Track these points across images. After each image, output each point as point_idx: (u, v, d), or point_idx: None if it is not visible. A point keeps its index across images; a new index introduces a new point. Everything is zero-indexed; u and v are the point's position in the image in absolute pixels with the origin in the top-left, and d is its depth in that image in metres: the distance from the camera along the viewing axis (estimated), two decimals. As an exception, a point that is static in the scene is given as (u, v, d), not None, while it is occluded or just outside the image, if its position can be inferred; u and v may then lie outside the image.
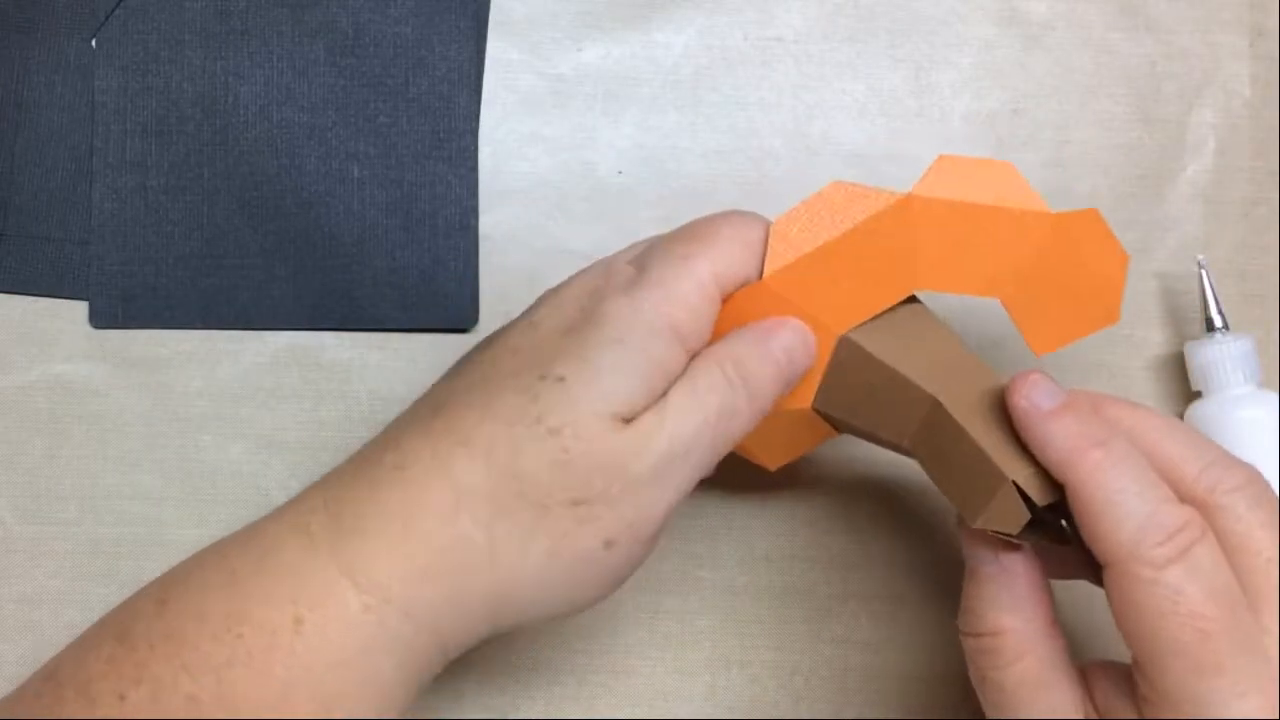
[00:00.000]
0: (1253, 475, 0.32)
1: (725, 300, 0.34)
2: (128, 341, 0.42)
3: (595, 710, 0.42)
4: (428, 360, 0.42)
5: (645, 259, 0.34)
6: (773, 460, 0.38)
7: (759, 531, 0.43)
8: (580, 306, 0.33)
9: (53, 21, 0.43)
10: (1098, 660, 0.33)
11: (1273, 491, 0.32)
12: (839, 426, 0.36)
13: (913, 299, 0.36)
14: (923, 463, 0.35)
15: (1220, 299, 0.42)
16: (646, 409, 0.32)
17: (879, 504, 0.43)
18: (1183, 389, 0.44)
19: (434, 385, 0.35)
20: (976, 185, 0.34)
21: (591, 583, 0.32)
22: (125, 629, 0.31)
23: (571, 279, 0.35)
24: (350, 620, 0.30)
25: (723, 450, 0.33)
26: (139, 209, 0.42)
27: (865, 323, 0.35)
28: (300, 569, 0.31)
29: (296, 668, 0.30)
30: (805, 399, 0.35)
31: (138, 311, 0.42)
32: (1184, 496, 0.32)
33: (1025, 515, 0.32)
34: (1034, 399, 0.33)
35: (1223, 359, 0.41)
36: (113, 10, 0.43)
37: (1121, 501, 0.31)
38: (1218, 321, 0.42)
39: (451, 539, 0.31)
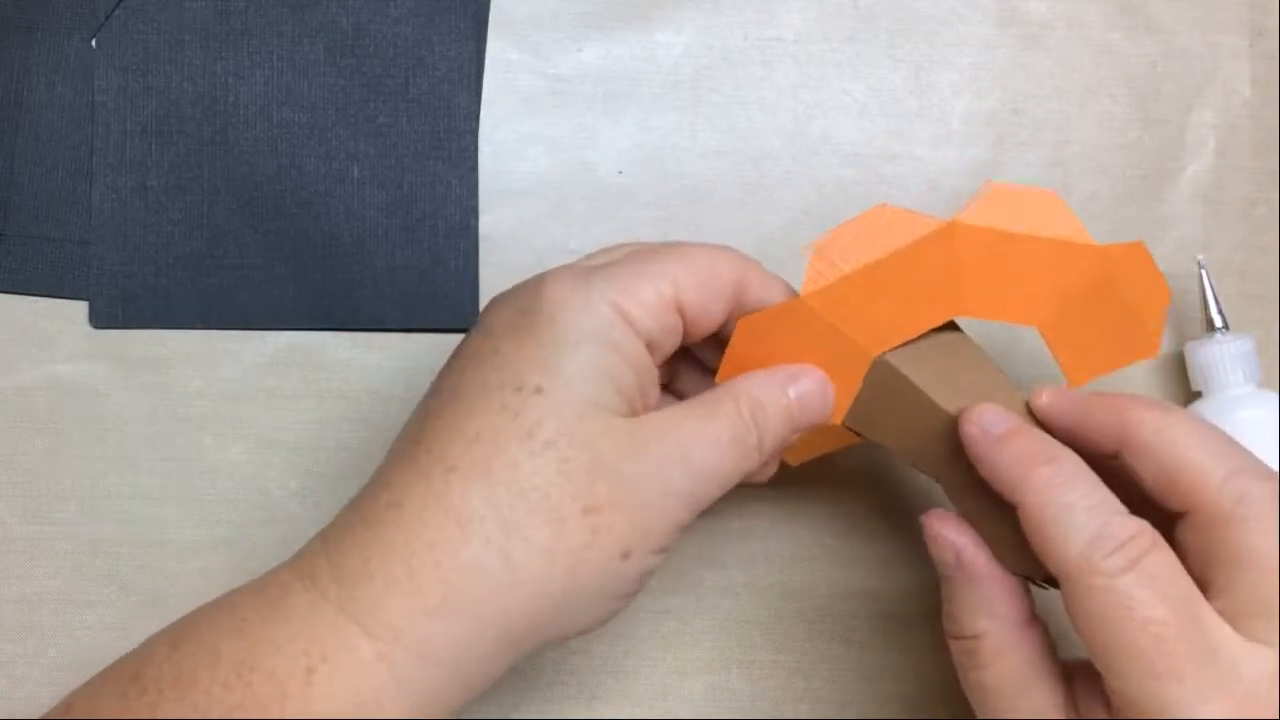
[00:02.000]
0: None
1: (759, 315, 0.34)
2: (128, 341, 0.42)
3: (595, 710, 0.42)
4: (428, 360, 0.42)
5: (608, 259, 0.34)
6: (795, 456, 0.38)
7: (759, 532, 0.43)
8: (527, 293, 0.33)
9: (53, 21, 0.43)
10: (1083, 659, 0.33)
11: None
12: (867, 439, 0.36)
13: (953, 326, 0.36)
14: (949, 490, 0.35)
15: (1220, 299, 0.42)
16: (633, 410, 0.32)
17: (879, 504, 0.43)
18: (1183, 389, 0.44)
19: (411, 415, 0.34)
20: (1022, 214, 0.34)
21: (612, 595, 0.32)
22: (138, 670, 0.31)
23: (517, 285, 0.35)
24: (362, 669, 0.30)
25: (731, 475, 0.33)
26: (139, 209, 0.42)
27: (902, 345, 0.35)
28: (309, 618, 0.30)
29: (306, 716, 0.29)
30: (837, 414, 0.35)
31: (138, 311, 0.42)
32: (1206, 505, 0.31)
33: None
34: (984, 424, 0.33)
35: (1223, 359, 0.41)
36: (113, 10, 0.43)
37: (1070, 516, 0.31)
38: (1218, 321, 0.42)
39: (462, 568, 0.30)
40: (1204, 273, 0.42)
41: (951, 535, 0.34)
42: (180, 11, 0.43)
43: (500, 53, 0.44)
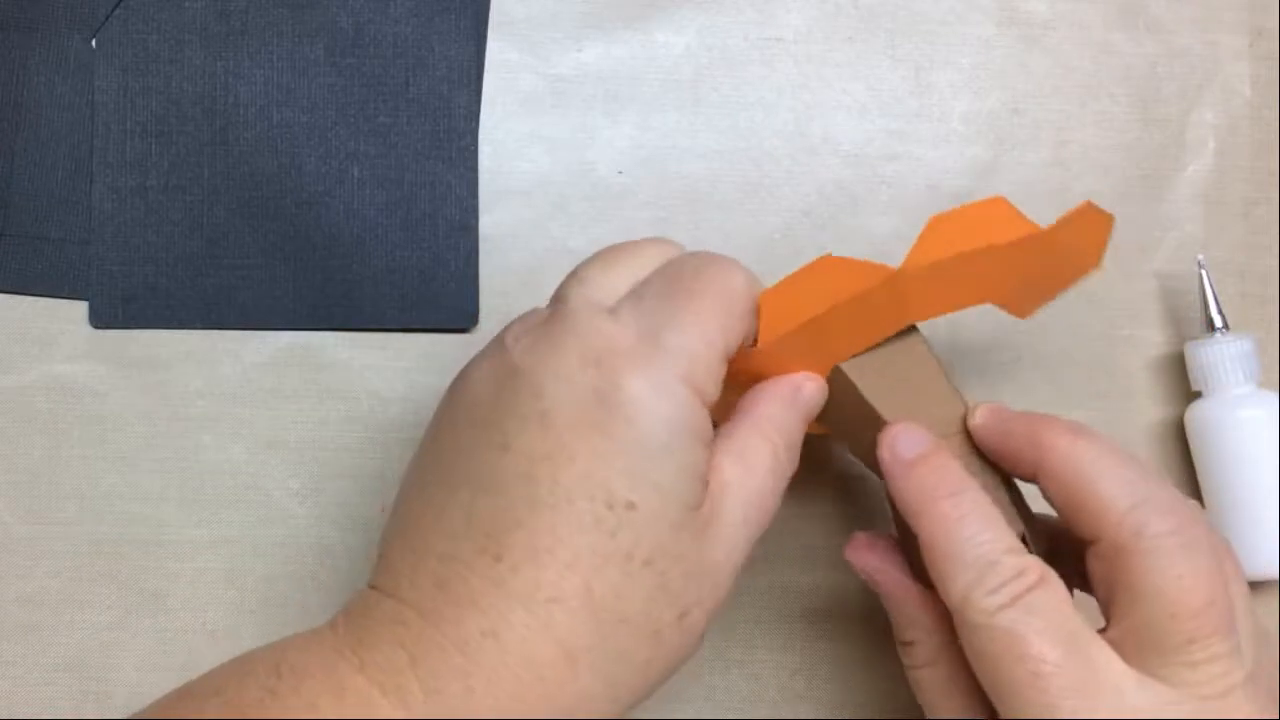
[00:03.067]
0: (1186, 521, 0.31)
1: (737, 356, 0.34)
2: (128, 341, 0.42)
3: (595, 710, 0.42)
4: (428, 360, 0.42)
5: (646, 315, 0.32)
6: None
7: (759, 531, 0.43)
8: (593, 387, 0.30)
9: (53, 21, 0.43)
10: None
11: (1210, 538, 0.32)
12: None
13: (913, 328, 0.36)
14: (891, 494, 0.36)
15: (1220, 299, 0.42)
16: (707, 489, 0.31)
17: (879, 505, 0.43)
18: (1183, 389, 0.44)
19: (449, 489, 0.31)
20: (969, 232, 0.33)
21: (683, 663, 0.32)
22: None
23: (557, 340, 0.31)
24: None
25: (775, 510, 0.33)
26: (139, 209, 0.42)
27: (862, 353, 0.35)
28: None
29: None
30: None
31: (138, 311, 0.42)
32: (1108, 535, 0.31)
33: None
34: (896, 450, 0.33)
35: (1223, 359, 0.41)
36: (113, 10, 0.43)
37: (962, 552, 0.31)
38: (1218, 321, 0.42)
39: (573, 698, 0.29)
40: (1204, 273, 0.42)
41: (867, 561, 0.36)
42: (180, 11, 0.43)
43: (500, 53, 0.44)
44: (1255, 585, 0.37)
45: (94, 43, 0.43)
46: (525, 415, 0.30)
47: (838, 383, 0.35)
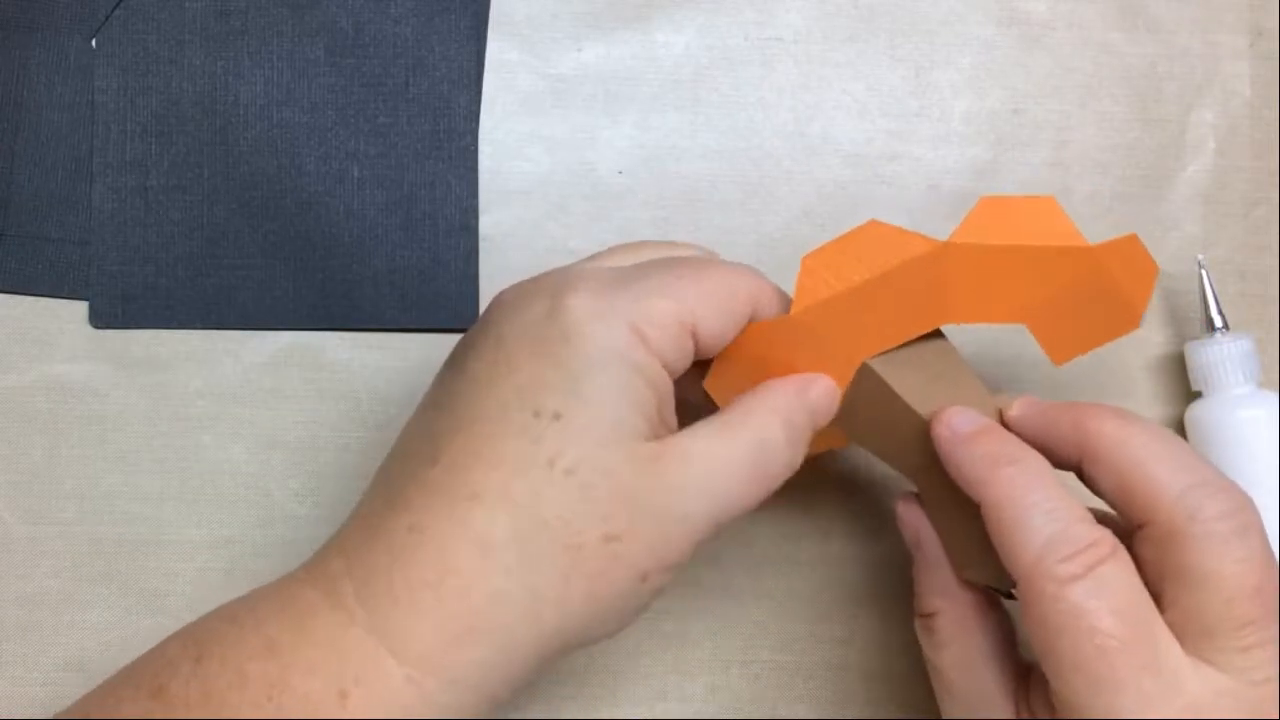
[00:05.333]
0: (1239, 504, 0.31)
1: (751, 328, 0.34)
2: (128, 341, 0.42)
3: (595, 710, 0.42)
4: (428, 360, 0.42)
5: (629, 271, 0.33)
6: None
7: (759, 533, 0.43)
8: (543, 301, 0.32)
9: (53, 21, 0.43)
10: None
11: (1260, 523, 0.32)
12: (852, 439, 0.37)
13: (938, 333, 0.36)
14: (923, 498, 0.36)
15: (1220, 299, 0.42)
16: (654, 432, 0.32)
17: (879, 505, 0.43)
18: (1183, 389, 0.44)
19: (417, 419, 0.34)
20: (1016, 224, 0.34)
21: (628, 613, 0.32)
22: (160, 684, 0.30)
23: (533, 280, 0.34)
24: (394, 691, 0.30)
25: (751, 499, 0.33)
26: (139, 209, 0.42)
27: (887, 352, 0.35)
28: (339, 642, 0.30)
29: None
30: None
31: (138, 311, 0.42)
32: (1160, 518, 0.31)
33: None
34: (953, 426, 0.33)
35: (1223, 359, 0.41)
36: (113, 10, 0.43)
37: (1030, 517, 0.31)
38: (1218, 321, 0.42)
39: (487, 597, 0.30)
40: (1204, 273, 0.42)
41: (913, 518, 0.36)
42: (180, 11, 0.43)
43: (500, 53, 0.44)
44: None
45: (94, 43, 0.43)
46: (486, 341, 0.32)
47: (864, 382, 0.35)
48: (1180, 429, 0.43)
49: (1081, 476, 0.34)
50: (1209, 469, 0.32)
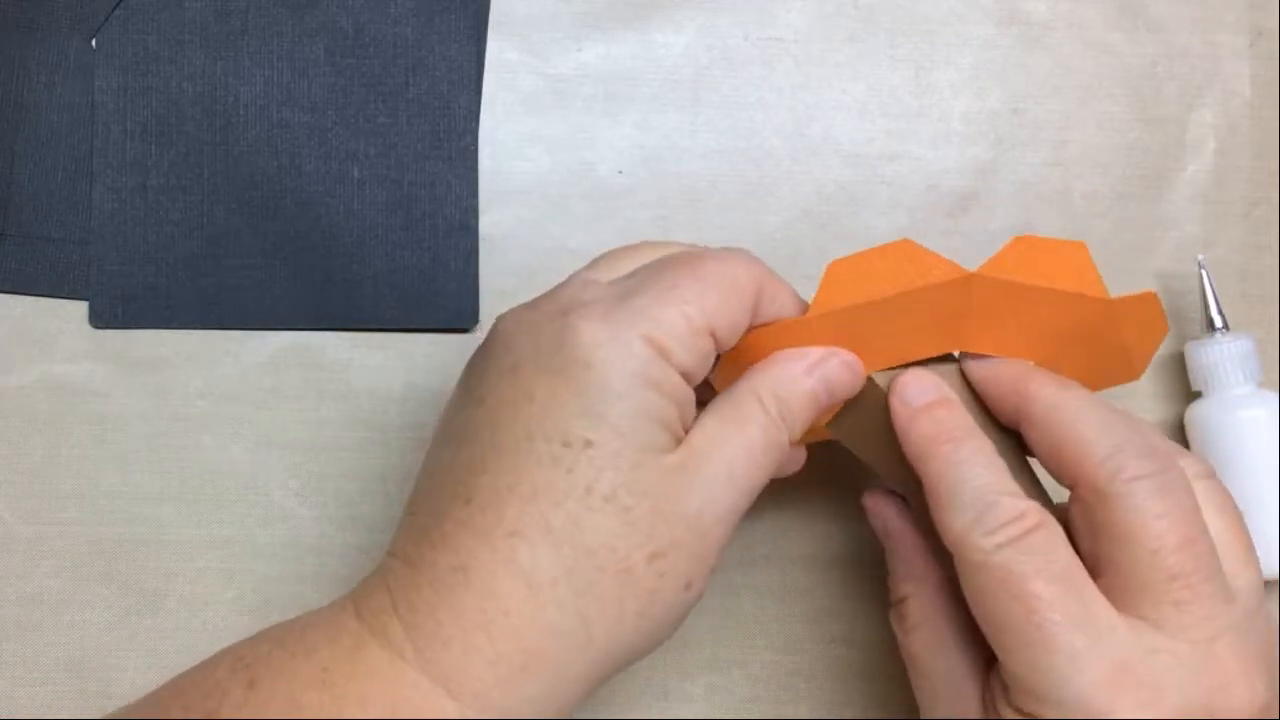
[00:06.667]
0: (1164, 465, 0.32)
1: (765, 329, 0.34)
2: (128, 341, 0.42)
3: (595, 710, 0.42)
4: (428, 360, 0.42)
5: (628, 283, 0.33)
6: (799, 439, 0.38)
7: (759, 532, 0.43)
8: (552, 327, 0.32)
9: (53, 21, 0.43)
10: None
11: (1187, 482, 0.32)
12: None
13: (949, 357, 0.36)
14: (915, 507, 0.36)
15: (1220, 299, 0.42)
16: (678, 438, 0.32)
17: (879, 504, 0.43)
18: (1183, 389, 0.44)
19: (439, 452, 0.33)
20: (1044, 265, 0.34)
21: (673, 624, 0.32)
22: (212, 708, 0.30)
23: (537, 303, 0.33)
24: None
25: (766, 478, 0.33)
26: (139, 209, 0.42)
27: (895, 368, 0.35)
28: (391, 677, 0.30)
29: None
30: (826, 416, 0.36)
31: (138, 311, 0.42)
32: (1086, 481, 0.32)
33: None
34: (905, 396, 0.34)
35: (1223, 359, 0.41)
36: (113, 10, 0.43)
37: (962, 492, 0.32)
38: (1218, 321, 0.42)
39: (540, 632, 0.30)
40: (1204, 273, 0.42)
41: (882, 508, 0.38)
42: (180, 11, 0.43)
43: (500, 53, 0.44)
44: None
45: (94, 43, 0.43)
46: (499, 369, 0.32)
47: (866, 395, 0.35)
48: (1180, 429, 0.43)
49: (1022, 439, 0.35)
50: (1138, 433, 0.33)
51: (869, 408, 0.35)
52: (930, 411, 0.34)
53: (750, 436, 0.32)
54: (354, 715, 0.29)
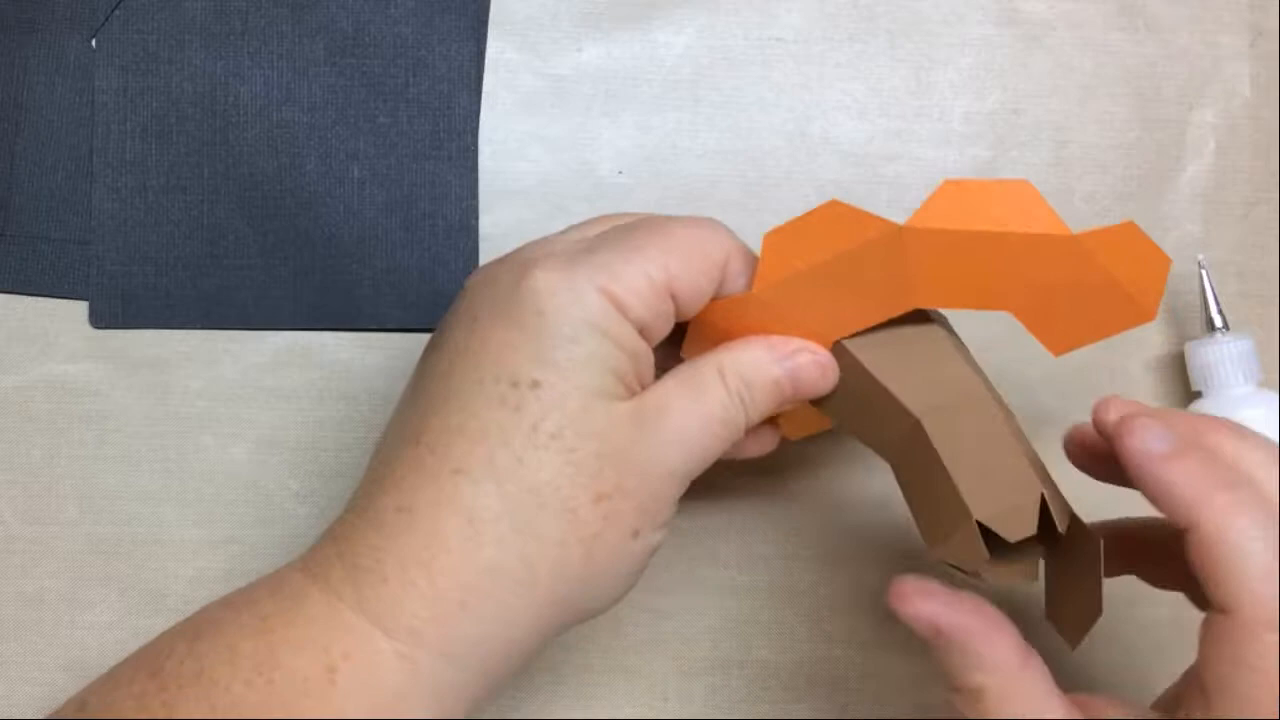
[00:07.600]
0: None
1: (722, 302, 0.34)
2: (128, 341, 0.42)
3: (595, 710, 0.42)
4: (428, 360, 0.42)
5: (594, 241, 0.33)
6: (794, 432, 0.38)
7: (759, 532, 0.43)
8: (510, 277, 0.32)
9: (53, 21, 0.43)
10: (1094, 694, 0.33)
11: None
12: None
13: (926, 318, 0.35)
14: (899, 478, 0.35)
15: (1220, 299, 0.42)
16: (632, 392, 0.32)
17: (879, 505, 0.43)
18: (1183, 389, 0.44)
19: (400, 403, 0.34)
20: (985, 210, 0.32)
21: (624, 574, 0.32)
22: (157, 665, 0.31)
23: (500, 260, 0.34)
24: (384, 667, 0.30)
25: (718, 450, 0.33)
26: (139, 209, 0.42)
27: (866, 332, 0.34)
28: (328, 620, 0.30)
29: (329, 715, 0.29)
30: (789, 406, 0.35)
31: (138, 311, 0.42)
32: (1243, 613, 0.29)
33: (985, 555, 0.32)
34: (1148, 444, 0.30)
35: (1223, 359, 0.41)
36: (113, 10, 0.43)
37: (1251, 552, 0.29)
38: (1218, 321, 0.42)
39: (480, 570, 0.30)
40: (1204, 273, 0.42)
41: (923, 608, 0.31)
42: (180, 11, 0.43)
43: (500, 53, 0.44)
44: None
45: (94, 43, 0.43)
46: (459, 321, 0.33)
47: (839, 360, 0.34)
48: (1180, 429, 0.43)
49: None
50: None
51: (844, 374, 0.35)
52: (1187, 455, 0.30)
53: (706, 405, 0.32)
54: (288, 658, 0.30)
